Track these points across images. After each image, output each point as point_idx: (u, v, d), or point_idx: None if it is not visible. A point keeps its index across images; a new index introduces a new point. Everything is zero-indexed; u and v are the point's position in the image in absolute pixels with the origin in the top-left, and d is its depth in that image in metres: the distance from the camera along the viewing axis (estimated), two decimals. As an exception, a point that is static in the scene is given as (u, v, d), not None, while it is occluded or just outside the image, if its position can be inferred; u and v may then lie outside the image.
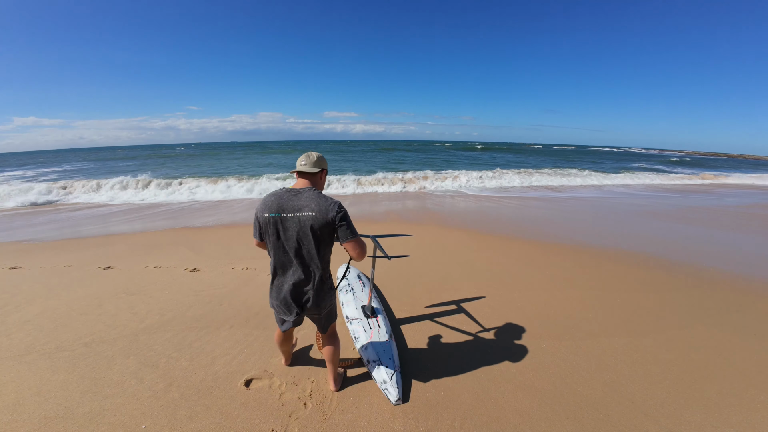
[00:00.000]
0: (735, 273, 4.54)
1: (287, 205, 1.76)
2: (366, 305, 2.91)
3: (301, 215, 1.74)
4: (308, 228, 1.74)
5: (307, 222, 1.74)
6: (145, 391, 2.23)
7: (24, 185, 11.29)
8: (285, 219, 1.76)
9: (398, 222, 7.44)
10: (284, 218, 1.76)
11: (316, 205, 1.75)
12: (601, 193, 12.80)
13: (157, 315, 3.25)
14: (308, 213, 1.73)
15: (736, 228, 7.25)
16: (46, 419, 1.99)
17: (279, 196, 1.80)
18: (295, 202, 1.77)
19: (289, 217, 1.75)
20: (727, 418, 2.10)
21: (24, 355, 2.61)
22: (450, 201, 10.34)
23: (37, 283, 4.00)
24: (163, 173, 16.49)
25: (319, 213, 1.74)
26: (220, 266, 4.57)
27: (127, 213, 8.68)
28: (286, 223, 1.76)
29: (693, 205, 10.17)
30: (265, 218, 1.78)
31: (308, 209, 1.74)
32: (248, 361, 2.54)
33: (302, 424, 1.99)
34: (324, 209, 1.74)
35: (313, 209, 1.74)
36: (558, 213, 8.56)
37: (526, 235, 6.35)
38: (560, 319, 3.25)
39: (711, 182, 18.68)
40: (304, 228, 1.74)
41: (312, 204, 1.75)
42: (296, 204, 1.76)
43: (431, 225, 7.14)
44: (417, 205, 9.51)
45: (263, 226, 1.81)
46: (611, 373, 2.49)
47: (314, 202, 1.75)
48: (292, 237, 1.77)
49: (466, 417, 2.07)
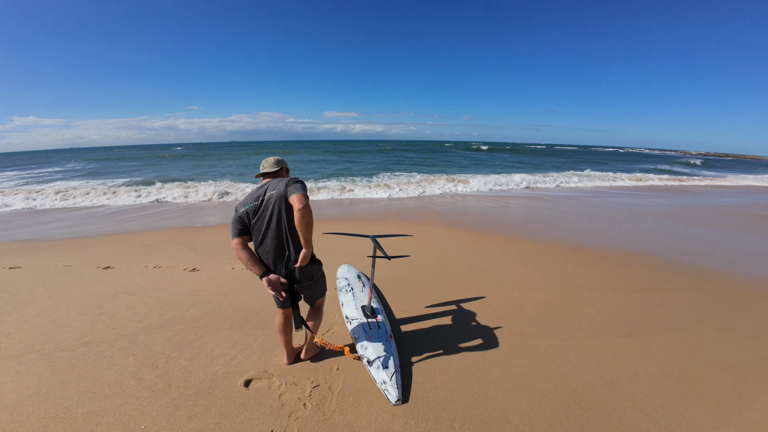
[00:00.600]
0: (735, 273, 4.54)
1: (257, 194, 2.05)
2: (366, 305, 2.91)
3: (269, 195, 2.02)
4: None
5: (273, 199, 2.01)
6: (145, 391, 2.22)
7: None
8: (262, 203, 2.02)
9: (398, 222, 7.44)
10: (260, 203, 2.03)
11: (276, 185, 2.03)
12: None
13: (156, 315, 3.24)
14: (271, 192, 2.00)
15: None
16: (45, 419, 1.99)
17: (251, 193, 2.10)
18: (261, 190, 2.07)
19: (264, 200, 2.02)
20: (727, 419, 2.10)
21: (23, 355, 2.61)
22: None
23: (36, 283, 4.00)
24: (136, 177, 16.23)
25: (278, 190, 1.99)
26: (220, 266, 4.57)
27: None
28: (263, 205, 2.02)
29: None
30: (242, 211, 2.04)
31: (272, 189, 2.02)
32: (248, 362, 2.54)
33: (302, 424, 1.99)
34: (281, 184, 2.01)
35: (275, 188, 2.01)
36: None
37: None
38: (560, 319, 3.25)
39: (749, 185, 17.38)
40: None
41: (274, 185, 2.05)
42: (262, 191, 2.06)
43: (431, 225, 7.14)
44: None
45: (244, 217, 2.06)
46: (611, 373, 2.49)
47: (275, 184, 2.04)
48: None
49: (466, 417, 2.06)
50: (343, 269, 3.85)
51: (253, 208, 2.00)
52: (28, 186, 13.60)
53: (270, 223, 1.98)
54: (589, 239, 6.11)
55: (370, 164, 24.11)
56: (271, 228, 1.98)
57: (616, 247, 5.61)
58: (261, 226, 2.00)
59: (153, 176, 16.41)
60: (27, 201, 9.90)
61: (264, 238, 2.01)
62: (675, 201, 11.08)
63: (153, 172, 18.74)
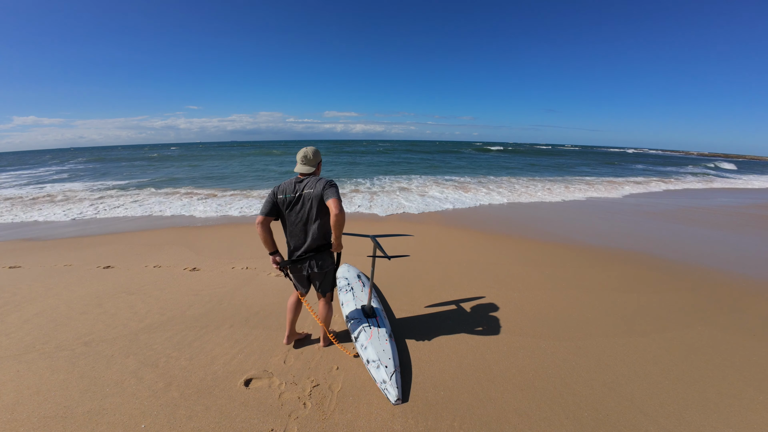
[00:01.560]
0: (735, 273, 4.54)
1: (296, 187, 2.28)
2: (366, 305, 2.91)
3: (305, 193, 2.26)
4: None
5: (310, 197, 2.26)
6: (145, 390, 2.23)
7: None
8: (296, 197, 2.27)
9: (398, 222, 7.44)
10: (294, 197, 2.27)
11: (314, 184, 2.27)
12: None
13: (156, 314, 3.25)
14: (309, 190, 2.24)
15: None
16: (46, 419, 1.99)
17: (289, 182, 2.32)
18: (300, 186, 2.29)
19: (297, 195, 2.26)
20: (726, 419, 2.10)
21: (23, 354, 2.61)
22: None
23: (36, 283, 4.00)
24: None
25: (316, 190, 2.23)
26: (220, 266, 4.57)
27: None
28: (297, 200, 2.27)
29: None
30: (281, 198, 2.28)
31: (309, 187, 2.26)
32: (248, 361, 2.54)
33: (302, 423, 1.99)
34: (319, 185, 2.24)
35: (313, 187, 2.24)
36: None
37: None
38: (560, 319, 3.25)
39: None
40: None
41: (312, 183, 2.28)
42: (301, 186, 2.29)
43: (431, 225, 7.14)
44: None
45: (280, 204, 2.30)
46: (611, 373, 2.49)
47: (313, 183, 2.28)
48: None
49: (465, 417, 2.07)
50: (343, 269, 3.86)
51: (291, 200, 2.25)
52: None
53: (302, 215, 2.26)
54: (590, 239, 6.11)
55: (409, 165, 22.68)
56: (302, 220, 2.27)
57: (615, 247, 5.61)
58: (295, 217, 2.27)
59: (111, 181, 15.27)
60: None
61: (295, 226, 2.30)
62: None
63: (122, 177, 17.08)
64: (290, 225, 2.31)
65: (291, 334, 2.70)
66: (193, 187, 13.00)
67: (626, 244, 5.79)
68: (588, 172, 21.52)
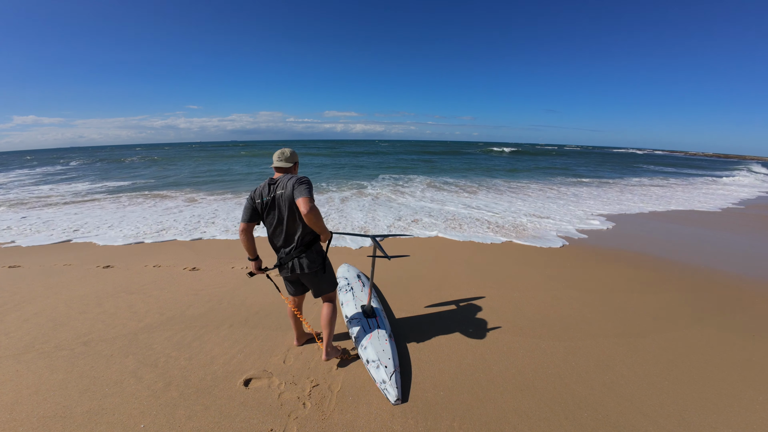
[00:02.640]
0: (735, 273, 4.54)
1: (270, 189, 2.21)
2: (365, 305, 2.91)
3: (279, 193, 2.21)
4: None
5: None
6: (144, 390, 2.23)
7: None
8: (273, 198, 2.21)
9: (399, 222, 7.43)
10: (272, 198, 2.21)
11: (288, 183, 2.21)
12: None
13: (156, 314, 3.24)
14: (281, 191, 2.18)
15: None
16: (45, 418, 1.99)
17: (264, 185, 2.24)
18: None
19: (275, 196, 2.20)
20: (726, 419, 2.10)
21: (22, 354, 2.61)
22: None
23: (36, 282, 4.00)
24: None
25: (287, 190, 2.17)
26: (220, 265, 4.57)
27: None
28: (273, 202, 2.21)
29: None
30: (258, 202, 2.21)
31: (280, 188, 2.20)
32: (247, 361, 2.54)
33: (301, 423, 1.99)
34: (289, 184, 2.17)
35: (284, 188, 2.18)
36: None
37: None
38: (560, 319, 3.25)
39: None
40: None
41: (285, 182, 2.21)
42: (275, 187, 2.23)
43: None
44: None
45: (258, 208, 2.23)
46: (610, 373, 2.49)
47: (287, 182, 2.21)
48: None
49: (465, 417, 2.07)
50: (343, 269, 3.86)
51: (267, 203, 2.20)
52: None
53: (281, 218, 2.21)
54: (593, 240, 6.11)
55: (448, 171, 19.88)
56: (281, 222, 2.22)
57: (615, 248, 5.61)
58: (273, 219, 2.23)
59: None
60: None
61: (276, 228, 2.26)
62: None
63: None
64: (269, 228, 2.27)
65: (300, 336, 2.73)
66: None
67: (626, 245, 5.80)
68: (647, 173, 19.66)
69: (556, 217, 7.99)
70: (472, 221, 7.36)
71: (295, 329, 2.69)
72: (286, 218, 2.19)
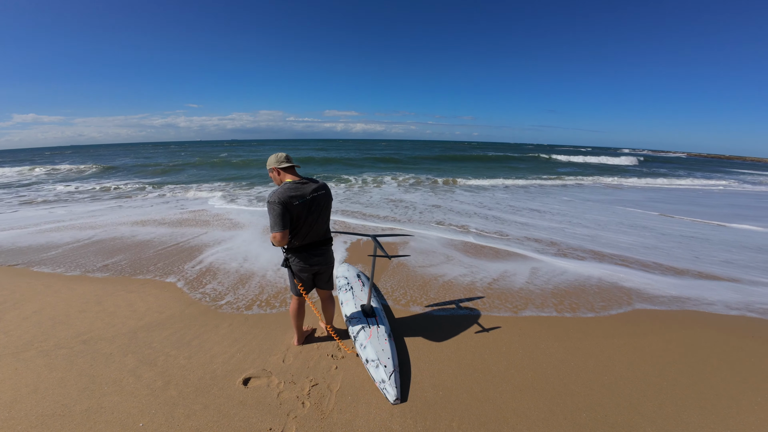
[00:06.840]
0: (734, 274, 4.54)
1: (306, 191, 2.29)
2: (365, 304, 2.91)
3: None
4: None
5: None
6: (143, 389, 2.23)
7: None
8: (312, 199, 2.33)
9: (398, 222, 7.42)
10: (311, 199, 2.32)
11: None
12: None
13: (156, 313, 3.24)
14: (321, 191, 2.36)
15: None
16: (43, 417, 1.99)
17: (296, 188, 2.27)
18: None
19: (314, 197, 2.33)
20: (724, 420, 2.10)
21: (21, 352, 2.61)
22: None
23: (36, 281, 3.99)
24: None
25: (326, 191, 2.42)
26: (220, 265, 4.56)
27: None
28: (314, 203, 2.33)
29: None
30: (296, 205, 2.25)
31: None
32: (246, 360, 2.54)
33: (300, 423, 1.99)
34: (326, 187, 2.42)
35: (323, 189, 2.40)
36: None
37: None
38: (559, 320, 3.25)
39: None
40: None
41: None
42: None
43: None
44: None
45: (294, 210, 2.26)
46: (609, 374, 2.49)
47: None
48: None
49: (464, 417, 2.07)
50: (343, 268, 3.86)
51: (308, 202, 2.28)
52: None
53: (320, 215, 2.37)
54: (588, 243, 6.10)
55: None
56: (321, 219, 2.38)
57: (615, 248, 5.61)
58: (315, 217, 2.34)
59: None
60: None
61: (314, 226, 2.36)
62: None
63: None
64: (305, 226, 2.31)
65: (300, 336, 2.73)
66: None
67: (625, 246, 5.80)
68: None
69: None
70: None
71: (297, 329, 2.67)
72: (324, 215, 2.41)
